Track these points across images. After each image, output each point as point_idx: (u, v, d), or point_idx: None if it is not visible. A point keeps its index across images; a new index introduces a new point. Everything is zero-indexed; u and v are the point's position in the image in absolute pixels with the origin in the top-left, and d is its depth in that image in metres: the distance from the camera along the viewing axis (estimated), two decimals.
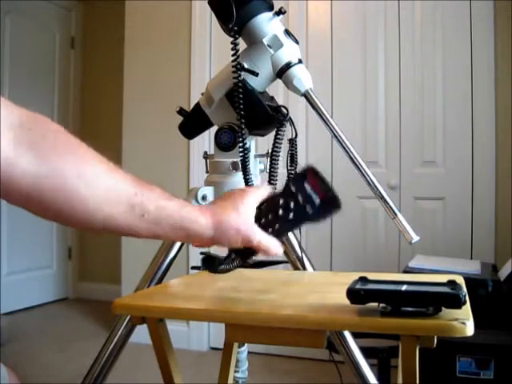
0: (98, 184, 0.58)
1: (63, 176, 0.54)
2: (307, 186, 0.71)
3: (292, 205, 0.71)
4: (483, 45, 2.38)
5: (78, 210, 0.56)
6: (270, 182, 0.90)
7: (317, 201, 0.70)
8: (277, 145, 0.93)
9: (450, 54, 2.45)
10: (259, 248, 0.72)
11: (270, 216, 0.72)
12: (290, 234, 1.22)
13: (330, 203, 0.71)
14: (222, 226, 0.69)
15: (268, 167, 0.93)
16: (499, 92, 2.35)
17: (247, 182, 0.95)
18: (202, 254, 0.79)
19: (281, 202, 0.71)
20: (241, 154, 1.01)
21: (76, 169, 0.56)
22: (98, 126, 4.02)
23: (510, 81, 2.33)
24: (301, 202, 0.71)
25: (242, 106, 1.01)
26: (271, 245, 0.72)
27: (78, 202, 0.56)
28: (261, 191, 0.76)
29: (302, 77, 1.03)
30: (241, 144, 1.02)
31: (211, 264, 0.75)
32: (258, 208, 0.73)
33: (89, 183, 0.57)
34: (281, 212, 0.71)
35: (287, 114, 1.00)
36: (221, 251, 0.78)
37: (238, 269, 1.16)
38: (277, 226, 0.71)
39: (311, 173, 0.73)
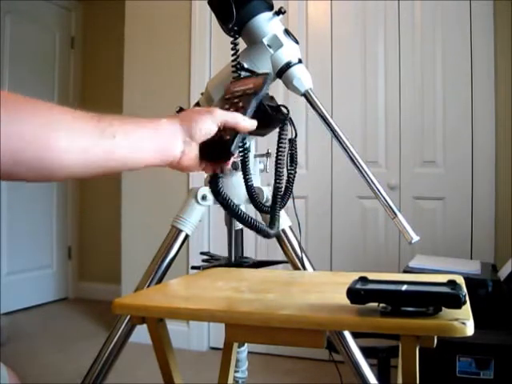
0: (64, 124, 0.59)
1: (31, 128, 0.55)
2: (236, 87, 0.85)
3: (236, 99, 0.82)
4: (483, 45, 2.38)
5: (54, 153, 0.57)
6: (276, 183, 0.90)
7: (251, 85, 0.83)
8: (281, 145, 0.93)
9: (450, 53, 2.45)
10: (227, 121, 0.75)
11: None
12: (290, 235, 1.22)
13: (260, 79, 0.84)
14: (185, 114, 0.75)
15: (274, 168, 0.93)
16: (499, 92, 2.35)
17: (247, 181, 0.95)
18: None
19: (226, 106, 0.81)
20: (241, 154, 1.01)
21: (41, 118, 0.57)
22: None
23: (510, 81, 2.33)
24: (240, 93, 0.83)
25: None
26: (239, 116, 0.76)
27: (52, 145, 0.57)
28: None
29: (302, 77, 1.03)
30: (240, 144, 1.01)
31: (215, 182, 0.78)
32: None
33: (55, 127, 0.58)
34: (231, 110, 0.80)
35: (288, 114, 1.00)
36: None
37: (238, 269, 1.16)
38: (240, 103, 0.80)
39: (232, 82, 0.87)
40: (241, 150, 0.93)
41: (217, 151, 0.75)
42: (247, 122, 0.77)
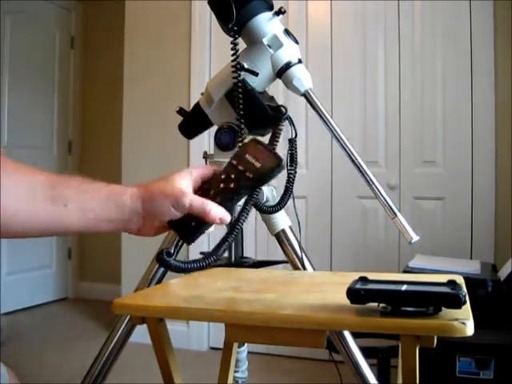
0: (14, 187, 0.60)
1: None
2: (248, 156, 0.70)
3: (233, 175, 0.69)
4: (483, 45, 2.38)
5: (5, 215, 0.58)
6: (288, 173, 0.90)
7: (257, 164, 0.69)
8: (274, 143, 0.93)
9: (450, 53, 2.45)
10: (193, 210, 0.67)
11: (211, 191, 0.70)
12: (290, 235, 1.22)
13: (272, 164, 0.68)
14: (149, 191, 0.67)
15: None
16: (499, 92, 2.35)
17: None
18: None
19: (223, 176, 0.70)
20: None
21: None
22: (98, 126, 4.02)
23: (510, 81, 2.33)
24: (241, 169, 0.69)
25: (241, 106, 1.01)
26: (207, 206, 0.67)
27: (3, 208, 0.58)
28: (196, 167, 0.73)
29: (302, 77, 1.03)
30: (240, 144, 1.02)
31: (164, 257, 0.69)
32: (201, 188, 0.71)
33: (5, 189, 0.59)
34: (222, 185, 0.69)
35: (286, 112, 1.00)
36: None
37: (238, 269, 1.16)
38: (218, 198, 0.69)
39: (252, 144, 0.72)
40: None
41: (180, 232, 0.70)
42: (216, 214, 0.67)
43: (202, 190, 0.70)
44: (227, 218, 0.69)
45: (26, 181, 0.62)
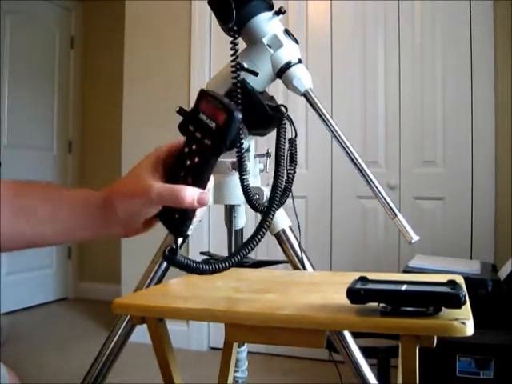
0: None
1: None
2: (202, 116, 0.60)
3: (194, 146, 0.60)
4: (483, 45, 2.38)
5: None
6: (274, 183, 0.86)
7: (212, 124, 0.59)
8: (280, 144, 0.93)
9: (450, 54, 2.45)
10: (165, 202, 0.60)
11: (181, 172, 0.61)
12: (290, 235, 1.22)
13: (225, 119, 0.58)
14: (116, 194, 0.62)
15: (274, 168, 0.93)
16: (499, 92, 2.35)
17: (243, 181, 0.94)
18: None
19: (186, 150, 0.61)
20: (237, 154, 1.01)
21: None
22: (98, 125, 4.02)
23: (510, 81, 2.33)
24: (199, 136, 0.60)
25: (241, 106, 1.01)
26: (179, 193, 0.58)
27: None
28: (163, 146, 0.65)
29: (302, 77, 1.03)
30: (238, 144, 1.01)
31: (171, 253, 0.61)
32: (171, 169, 0.62)
33: None
34: (188, 162, 0.60)
35: (286, 112, 1.00)
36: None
37: (238, 269, 1.16)
38: (190, 179, 0.60)
39: (203, 100, 0.62)
40: (237, 149, 0.93)
41: (167, 225, 0.63)
42: (191, 198, 0.59)
43: (172, 172, 0.62)
44: (205, 197, 0.60)
45: None
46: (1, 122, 3.49)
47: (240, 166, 0.90)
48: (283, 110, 1.00)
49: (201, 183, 0.60)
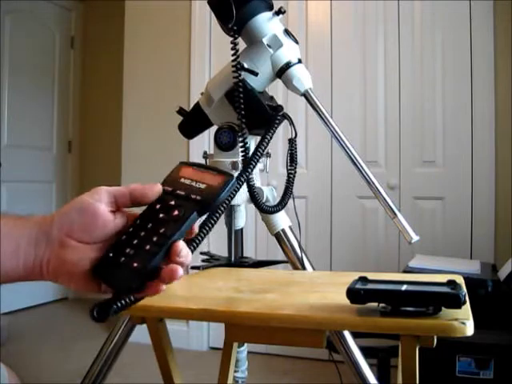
0: None
1: None
2: (185, 180, 0.56)
3: (173, 201, 0.54)
4: (483, 45, 2.38)
5: None
6: (240, 175, 0.79)
7: (201, 185, 0.55)
8: (265, 140, 0.92)
9: (450, 53, 2.45)
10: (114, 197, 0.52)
11: (148, 226, 0.53)
12: (290, 235, 1.22)
13: (220, 181, 0.54)
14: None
15: (248, 161, 0.92)
16: (499, 92, 2.35)
17: (249, 181, 0.95)
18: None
19: (157, 206, 0.54)
20: (242, 154, 1.01)
21: None
22: (98, 126, 4.02)
23: (510, 81, 2.33)
24: (183, 193, 0.54)
25: (242, 106, 1.01)
26: (146, 188, 0.53)
27: None
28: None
29: (302, 76, 1.03)
30: (241, 144, 1.01)
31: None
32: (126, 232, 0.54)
33: None
34: (161, 215, 0.53)
35: (282, 110, 1.00)
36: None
37: (238, 269, 1.15)
38: (162, 229, 0.52)
39: (185, 169, 0.58)
40: (242, 149, 0.92)
41: (109, 279, 0.56)
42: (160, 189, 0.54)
43: (127, 232, 0.53)
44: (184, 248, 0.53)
45: None
46: (1, 122, 3.49)
47: (246, 168, 0.89)
48: (280, 108, 1.01)
49: (174, 237, 0.52)
